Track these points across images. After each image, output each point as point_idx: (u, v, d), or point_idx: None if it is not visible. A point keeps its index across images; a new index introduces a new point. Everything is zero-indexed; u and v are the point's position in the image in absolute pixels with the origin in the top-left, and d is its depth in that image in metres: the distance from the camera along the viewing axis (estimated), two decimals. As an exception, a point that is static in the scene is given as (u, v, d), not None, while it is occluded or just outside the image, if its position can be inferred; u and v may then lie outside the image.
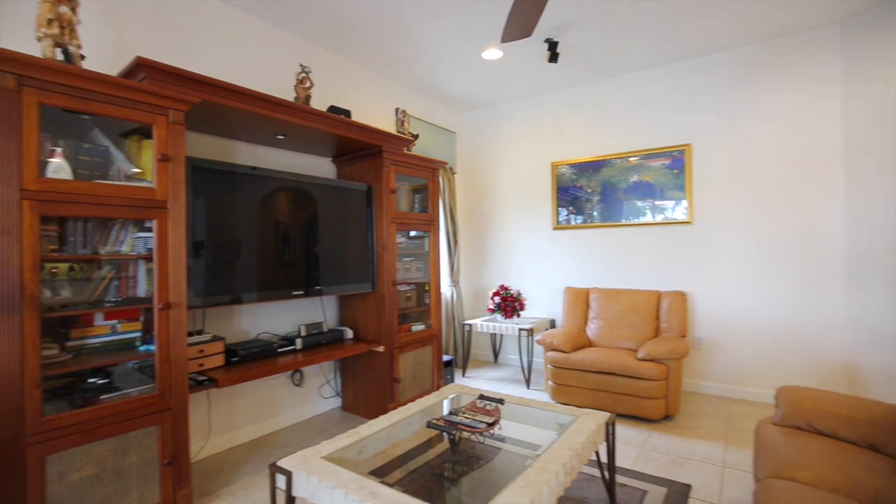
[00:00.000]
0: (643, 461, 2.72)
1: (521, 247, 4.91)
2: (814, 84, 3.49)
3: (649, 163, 4.11)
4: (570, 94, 4.57)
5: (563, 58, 3.81)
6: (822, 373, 3.48)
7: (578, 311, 4.10)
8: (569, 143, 4.58)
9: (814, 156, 3.50)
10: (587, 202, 4.45)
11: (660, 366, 3.15)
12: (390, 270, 3.41)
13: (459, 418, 2.04)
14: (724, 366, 3.85)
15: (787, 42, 3.56)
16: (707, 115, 3.88)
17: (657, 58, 3.90)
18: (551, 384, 3.59)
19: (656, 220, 4.09)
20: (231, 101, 2.43)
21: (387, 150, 3.38)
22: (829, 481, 1.56)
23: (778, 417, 2.07)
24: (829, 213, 3.45)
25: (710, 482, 2.47)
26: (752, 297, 3.72)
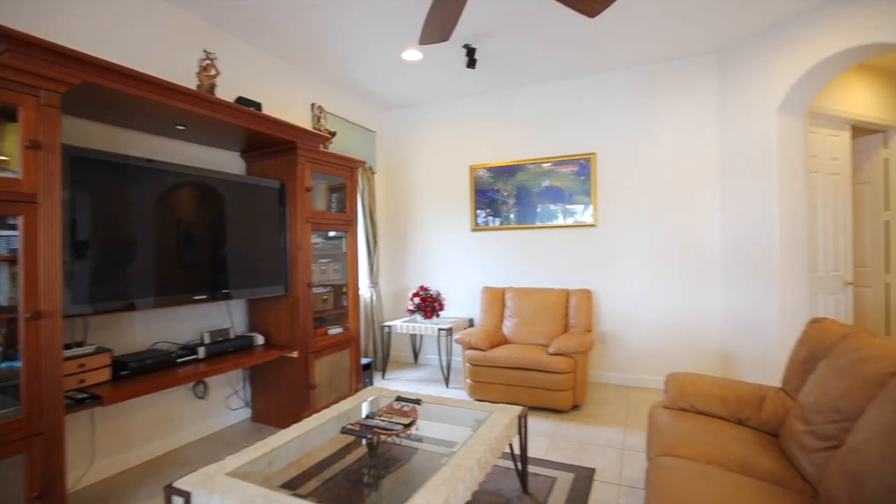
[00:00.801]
0: (554, 450, 2.89)
1: (440, 248, 4.98)
2: (696, 105, 3.94)
3: (560, 169, 4.38)
4: (488, 99, 4.72)
5: (481, 64, 3.93)
6: (704, 359, 3.94)
7: (495, 310, 4.24)
8: (487, 147, 4.73)
9: (696, 170, 3.95)
10: (503, 205, 4.63)
11: (568, 359, 3.36)
12: (305, 272, 3.27)
13: (376, 421, 2.01)
14: (624, 357, 4.21)
15: (676, 65, 3.99)
16: (610, 126, 4.22)
17: (568, 70, 4.17)
18: (469, 382, 3.68)
19: (566, 223, 4.36)
20: (119, 84, 2.18)
21: (301, 147, 3.25)
22: (706, 454, 1.77)
23: (667, 401, 2.31)
24: (708, 221, 3.92)
25: (612, 464, 2.68)
26: (648, 294, 4.11)
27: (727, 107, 3.78)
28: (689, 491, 1.46)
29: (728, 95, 3.76)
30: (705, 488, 1.48)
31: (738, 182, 3.70)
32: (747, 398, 2.14)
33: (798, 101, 3.38)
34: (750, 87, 3.56)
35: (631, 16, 3.20)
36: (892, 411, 1.28)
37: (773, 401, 2.09)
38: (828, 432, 1.57)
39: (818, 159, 3.72)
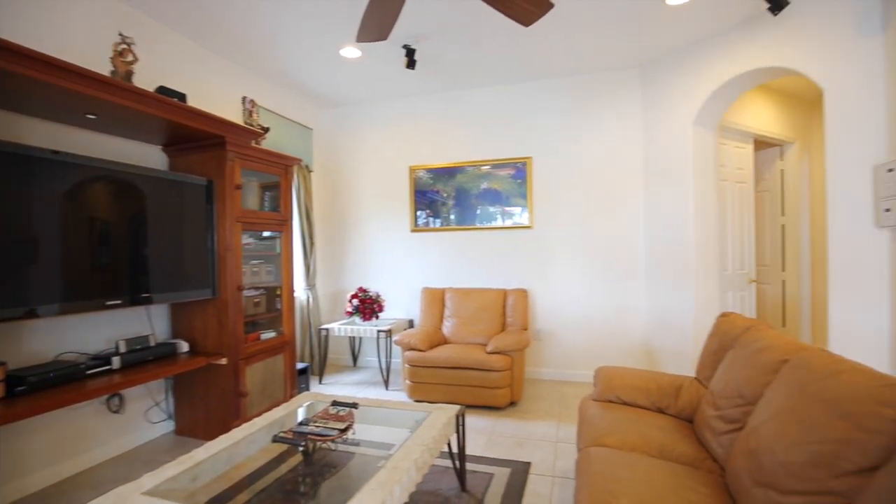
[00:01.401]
0: (491, 446, 2.95)
1: (380, 248, 4.92)
2: (622, 115, 4.19)
3: (498, 172, 4.48)
4: (428, 100, 4.74)
5: (421, 65, 3.93)
6: (630, 353, 4.20)
7: (435, 311, 4.26)
8: (426, 147, 4.74)
9: (623, 176, 4.21)
10: (443, 206, 4.66)
11: (505, 357, 3.45)
12: (235, 274, 3.10)
13: (310, 428, 1.95)
14: (558, 353, 4.39)
15: (604, 77, 4.23)
16: (545, 132, 4.39)
17: (506, 76, 4.28)
18: (409, 383, 3.66)
19: (505, 225, 4.48)
20: (15, 65, 1.95)
21: (231, 142, 3.08)
22: (630, 443, 1.88)
23: (595, 395, 2.44)
24: (633, 224, 4.19)
25: (547, 457, 2.78)
26: (579, 293, 4.32)
27: (649, 118, 4.06)
28: (614, 477, 1.55)
29: (650, 107, 4.04)
30: (628, 474, 1.57)
31: (659, 188, 3.98)
32: (666, 388, 2.31)
33: (710, 116, 3.70)
34: (669, 101, 3.85)
35: (561, 30, 3.35)
36: (784, 395, 1.43)
37: (689, 390, 2.27)
38: (733, 416, 1.73)
39: (727, 169, 4.09)
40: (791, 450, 1.27)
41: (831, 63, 2.81)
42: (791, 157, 4.72)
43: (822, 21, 2.83)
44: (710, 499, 1.48)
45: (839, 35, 2.76)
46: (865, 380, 1.20)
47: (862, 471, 1.08)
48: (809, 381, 1.35)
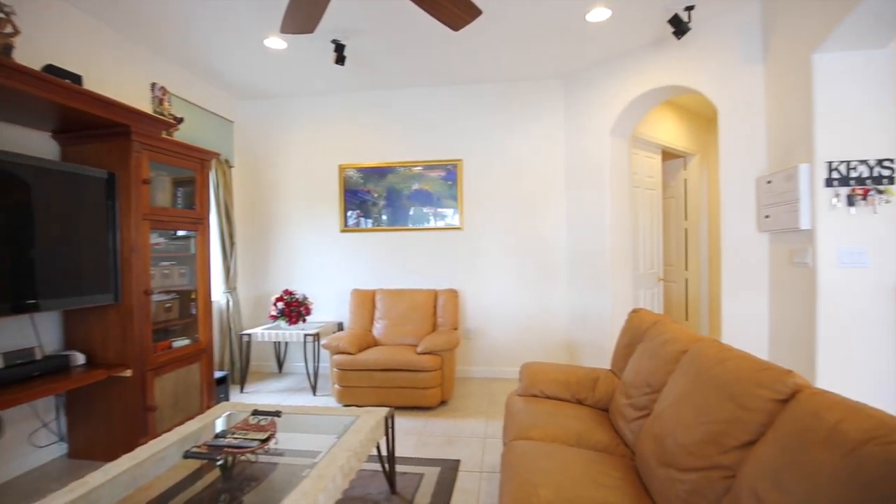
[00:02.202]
0: (422, 446, 2.95)
1: (308, 249, 4.75)
2: (547, 122, 4.40)
3: (429, 173, 4.51)
4: (359, 98, 4.65)
5: (352, 62, 3.85)
6: (554, 348, 4.42)
7: (365, 313, 4.19)
8: (357, 146, 4.66)
9: (547, 180, 4.41)
10: (374, 206, 4.61)
11: (436, 357, 3.48)
12: (142, 277, 2.84)
13: (228, 440, 1.83)
14: (487, 351, 4.50)
15: (531, 85, 4.41)
16: (475, 135, 4.49)
17: (437, 77, 4.32)
18: (338, 387, 3.57)
19: (437, 226, 4.51)
20: None
21: (138, 132, 2.82)
22: (551, 434, 1.98)
23: (520, 390, 2.53)
24: (557, 226, 4.41)
25: (475, 454, 2.84)
26: (508, 292, 4.47)
27: (571, 126, 4.30)
28: (536, 468, 1.62)
29: (572, 116, 4.28)
30: (549, 464, 1.65)
31: (579, 192, 4.23)
32: (585, 381, 2.46)
33: (624, 127, 4.00)
34: (588, 111, 4.10)
35: (489, 37, 3.44)
36: (683, 382, 1.58)
37: (605, 381, 2.43)
38: (642, 403, 1.88)
39: (639, 176, 4.44)
40: (688, 431, 1.40)
41: (724, 85, 3.15)
42: (693, 167, 5.22)
43: (717, 47, 3.17)
44: (622, 482, 1.59)
45: (730, 61, 3.11)
46: (747, 365, 1.35)
47: (744, 445, 1.22)
48: (703, 369, 1.50)
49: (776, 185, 2.73)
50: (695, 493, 1.31)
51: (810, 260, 2.52)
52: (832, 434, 0.98)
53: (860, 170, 2.45)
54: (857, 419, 0.97)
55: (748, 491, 1.11)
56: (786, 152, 2.74)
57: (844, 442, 0.94)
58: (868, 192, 2.44)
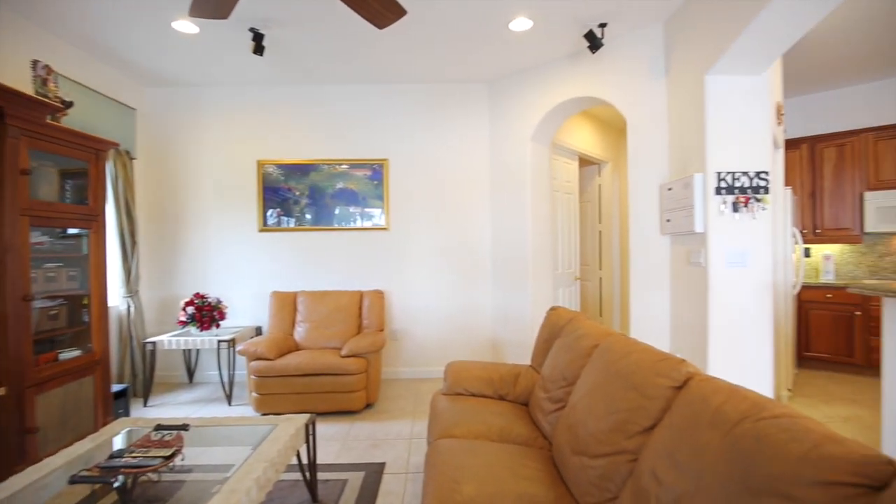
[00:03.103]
0: (346, 452, 2.88)
1: (222, 250, 4.45)
2: (472, 125, 4.49)
3: (354, 172, 4.42)
4: (281, 91, 4.44)
5: (274, 53, 3.67)
6: (479, 347, 4.52)
7: (286, 316, 4.01)
8: (278, 142, 4.44)
9: (472, 182, 4.51)
10: (296, 205, 4.42)
11: (361, 360, 3.41)
12: (19, 281, 2.48)
13: (125, 460, 1.66)
14: (414, 352, 4.50)
15: (457, 88, 4.48)
16: (402, 135, 4.47)
17: (364, 75, 4.23)
18: (256, 396, 3.38)
19: (364, 226, 4.43)
20: None
21: (14, 115, 2.46)
22: (475, 431, 2.02)
23: (445, 388, 2.56)
24: (482, 227, 4.52)
25: (401, 455, 2.83)
26: (434, 292, 4.50)
27: (495, 130, 4.43)
28: (459, 465, 1.65)
29: (496, 120, 4.42)
30: (471, 460, 1.68)
31: (503, 195, 4.37)
32: (507, 377, 2.54)
33: (545, 133, 4.19)
34: (511, 117, 4.25)
35: (415, 38, 3.45)
36: (594, 375, 1.69)
37: (525, 377, 2.53)
38: (558, 396, 1.98)
39: (558, 181, 4.68)
40: (598, 420, 1.50)
41: (632, 98, 3.42)
42: (606, 174, 5.61)
43: (627, 63, 3.43)
44: (540, 472, 1.66)
45: (638, 76, 3.38)
46: (648, 357, 1.48)
47: (645, 430, 1.33)
48: (611, 362, 1.61)
49: (676, 192, 3.01)
50: (604, 478, 1.40)
51: (703, 260, 2.81)
52: (716, 415, 1.09)
53: (742, 180, 2.77)
54: (736, 401, 1.09)
55: (648, 472, 1.21)
56: (684, 162, 3.03)
57: (725, 422, 1.05)
58: (749, 200, 2.77)
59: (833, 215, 4.62)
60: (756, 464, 0.92)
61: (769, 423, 0.97)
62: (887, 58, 4.01)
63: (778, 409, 1.01)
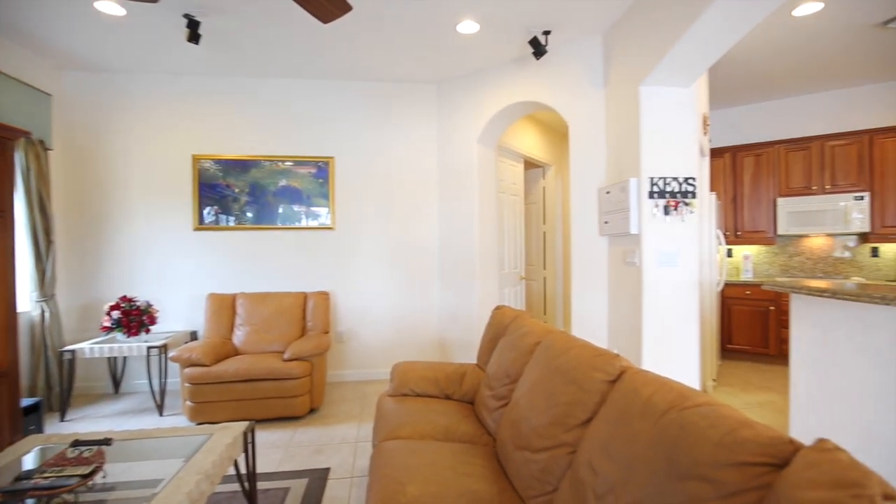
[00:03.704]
0: (288, 459, 2.78)
1: (153, 250, 4.15)
2: (421, 125, 4.49)
3: (298, 169, 4.28)
4: (220, 83, 4.21)
5: (210, 42, 3.48)
6: (426, 347, 4.52)
7: (224, 319, 3.81)
8: (216, 136, 4.21)
9: (421, 182, 4.50)
10: (235, 202, 4.21)
11: (304, 363, 3.31)
12: None
13: (34, 481, 1.51)
14: (361, 353, 4.43)
15: (406, 88, 4.45)
16: (349, 133, 4.38)
17: (309, 70, 4.11)
18: (190, 404, 3.18)
19: (309, 225, 4.30)
20: None
21: None
22: (420, 431, 2.02)
23: (391, 389, 2.54)
24: (430, 227, 4.53)
25: (346, 460, 2.77)
26: (381, 293, 4.45)
27: (443, 131, 4.45)
28: (404, 466, 1.64)
29: (444, 121, 4.44)
30: (416, 461, 1.68)
31: (450, 195, 4.40)
32: (453, 376, 2.56)
33: (491, 136, 4.27)
34: (458, 118, 4.30)
35: (362, 35, 3.40)
36: (536, 371, 1.74)
37: (471, 375, 2.56)
38: (502, 393, 2.02)
39: (504, 183, 4.78)
40: (539, 415, 1.54)
41: (574, 105, 3.55)
42: (550, 177, 5.80)
43: (569, 71, 3.57)
44: (484, 469, 1.69)
45: (579, 84, 3.52)
46: (586, 353, 1.54)
47: (583, 423, 1.39)
48: (552, 358, 1.67)
49: (613, 196, 3.16)
50: (545, 472, 1.44)
51: (638, 260, 2.97)
52: (646, 406, 1.16)
53: (673, 185, 2.96)
54: (664, 392, 1.16)
55: (585, 463, 1.26)
56: (621, 167, 3.19)
57: (654, 412, 1.12)
58: (678, 204, 2.97)
59: (751, 219, 5.04)
60: (680, 450, 0.99)
61: (692, 412, 1.04)
62: (795, 79, 4.44)
63: (700, 399, 1.09)
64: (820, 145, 4.68)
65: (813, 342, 2.21)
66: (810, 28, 3.43)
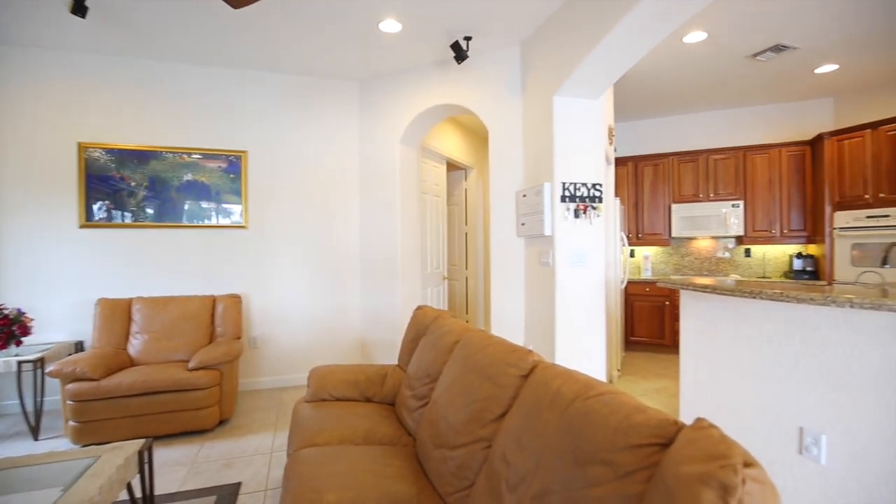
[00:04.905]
0: (194, 477, 2.57)
1: (25, 250, 3.62)
2: (342, 123, 4.38)
3: (206, 163, 3.97)
4: (112, 63, 3.77)
5: (100, 17, 3.11)
6: (347, 349, 4.41)
7: (117, 327, 3.42)
8: (108, 123, 3.77)
9: (342, 181, 4.39)
10: (132, 197, 3.81)
11: (213, 372, 3.07)
12: None
13: None
14: (277, 359, 4.21)
15: (327, 83, 4.31)
16: (265, 127, 4.15)
17: (220, 57, 3.83)
18: (74, 425, 2.82)
19: (220, 224, 4.00)
20: None
21: None
22: (338, 436, 1.96)
23: (309, 395, 2.44)
24: (351, 227, 4.43)
25: (260, 471, 2.62)
26: (299, 295, 4.27)
27: (365, 129, 4.38)
28: (320, 474, 1.58)
29: (366, 120, 4.37)
30: (334, 467, 1.63)
31: (372, 195, 4.34)
32: (374, 378, 2.52)
33: (414, 137, 4.28)
34: (381, 117, 4.25)
35: (279, 25, 3.24)
36: (455, 369, 1.77)
37: (393, 376, 2.54)
38: (422, 393, 2.03)
39: (427, 184, 4.81)
40: (457, 412, 1.57)
41: (494, 110, 3.67)
42: (472, 179, 5.94)
43: (489, 77, 3.68)
44: (404, 470, 1.68)
45: (499, 90, 3.64)
46: (501, 349, 1.60)
47: (498, 418, 1.44)
48: (470, 356, 1.71)
49: (529, 199, 3.31)
50: (462, 467, 1.47)
51: (551, 260, 3.14)
52: (555, 397, 1.22)
53: (582, 190, 3.17)
54: (571, 383, 1.24)
55: (499, 456, 1.30)
56: (536, 172, 3.35)
57: (562, 402, 1.19)
58: (587, 207, 3.18)
59: (650, 222, 5.55)
60: (583, 437, 1.06)
61: (595, 400, 1.12)
62: (686, 98, 4.97)
63: (603, 388, 1.17)
64: (706, 158, 5.27)
65: (698, 332, 2.49)
66: (697, 54, 3.86)
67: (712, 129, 5.50)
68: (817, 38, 3.56)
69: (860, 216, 4.26)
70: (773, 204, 4.98)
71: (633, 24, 2.36)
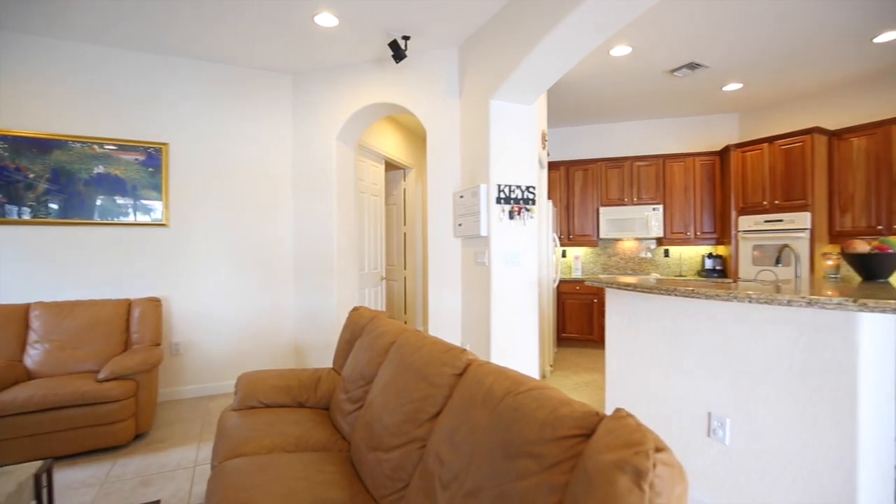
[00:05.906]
0: (103, 498, 2.35)
1: None
2: (274, 117, 4.19)
3: (121, 155, 3.64)
4: (13, 41, 3.35)
5: (-16, -13, 2.75)
6: (280, 353, 4.24)
7: (10, 336, 3.04)
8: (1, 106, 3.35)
9: (274, 178, 4.20)
10: (30, 190, 3.40)
11: (127, 382, 2.83)
12: None
13: None
14: (202, 366, 3.95)
15: (260, 76, 4.11)
16: (189, 119, 3.87)
17: (137, 39, 3.52)
18: (-46, 448, 2.48)
19: (137, 221, 3.67)
20: None
21: None
22: (268, 445, 1.88)
23: (236, 403, 2.32)
24: (284, 226, 4.25)
25: (182, 487, 2.44)
26: (226, 297, 4.03)
27: (299, 125, 4.23)
28: (248, 485, 1.51)
29: (301, 115, 4.22)
30: (263, 478, 1.56)
31: (307, 193, 4.20)
32: (307, 382, 2.44)
33: (351, 134, 4.19)
34: (316, 114, 4.13)
35: (205, 9, 3.05)
36: (390, 370, 1.76)
37: (327, 380, 2.47)
38: (357, 396, 1.99)
39: (365, 183, 4.74)
40: (392, 413, 1.56)
41: (432, 111, 3.69)
42: (411, 179, 5.92)
43: (427, 78, 3.69)
44: (336, 475, 1.64)
45: (437, 92, 3.66)
46: (437, 349, 1.61)
47: (433, 417, 1.44)
48: (405, 356, 1.70)
49: (466, 200, 3.36)
50: (398, 469, 1.46)
51: (487, 260, 3.21)
52: (487, 394, 1.25)
53: (517, 192, 3.27)
54: (502, 380, 1.27)
55: (433, 455, 1.31)
56: (473, 173, 3.41)
57: (493, 399, 1.22)
58: (521, 209, 3.29)
59: (580, 224, 5.84)
60: (513, 431, 1.09)
61: (525, 396, 1.15)
62: (614, 107, 5.28)
63: (532, 384, 1.21)
64: (630, 165, 5.63)
65: (622, 328, 2.65)
66: (623, 67, 4.12)
67: (636, 138, 5.89)
68: (725, 58, 3.93)
69: (759, 220, 4.75)
70: (688, 208, 5.43)
71: (566, 34, 2.47)
